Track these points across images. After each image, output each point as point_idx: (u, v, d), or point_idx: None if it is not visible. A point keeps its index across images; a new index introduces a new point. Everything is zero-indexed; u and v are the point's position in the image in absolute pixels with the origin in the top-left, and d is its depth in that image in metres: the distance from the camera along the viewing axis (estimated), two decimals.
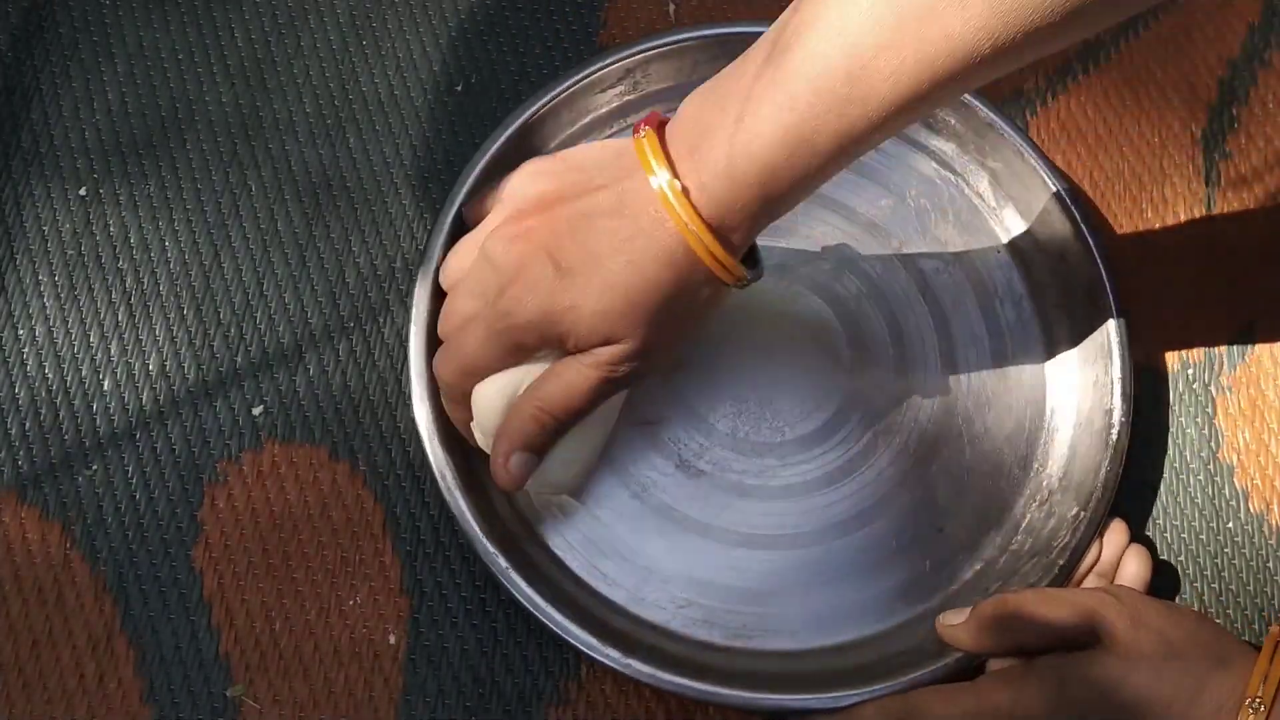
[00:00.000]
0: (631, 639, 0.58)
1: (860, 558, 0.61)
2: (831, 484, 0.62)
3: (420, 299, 0.60)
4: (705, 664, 0.58)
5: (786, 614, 0.60)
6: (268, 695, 0.59)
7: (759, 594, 0.60)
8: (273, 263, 0.65)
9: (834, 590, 0.61)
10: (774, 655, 0.59)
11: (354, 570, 0.61)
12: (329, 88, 0.68)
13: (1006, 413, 0.64)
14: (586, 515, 0.61)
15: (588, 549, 0.61)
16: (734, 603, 0.60)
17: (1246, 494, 0.64)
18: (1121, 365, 0.62)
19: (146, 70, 0.68)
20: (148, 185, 0.66)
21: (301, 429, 0.62)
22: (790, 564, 0.61)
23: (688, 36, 0.65)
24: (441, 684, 0.59)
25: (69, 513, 0.61)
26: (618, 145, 0.54)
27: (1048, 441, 0.63)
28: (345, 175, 0.67)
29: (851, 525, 0.62)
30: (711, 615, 0.60)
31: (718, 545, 0.61)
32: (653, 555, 0.60)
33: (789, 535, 0.61)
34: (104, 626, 0.59)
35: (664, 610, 0.60)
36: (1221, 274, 0.67)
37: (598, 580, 0.60)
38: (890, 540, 0.61)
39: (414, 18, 0.70)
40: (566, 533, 0.61)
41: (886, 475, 0.62)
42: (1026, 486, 0.63)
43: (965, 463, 0.63)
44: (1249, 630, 0.62)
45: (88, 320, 0.64)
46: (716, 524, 0.61)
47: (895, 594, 0.61)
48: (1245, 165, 0.69)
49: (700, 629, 0.60)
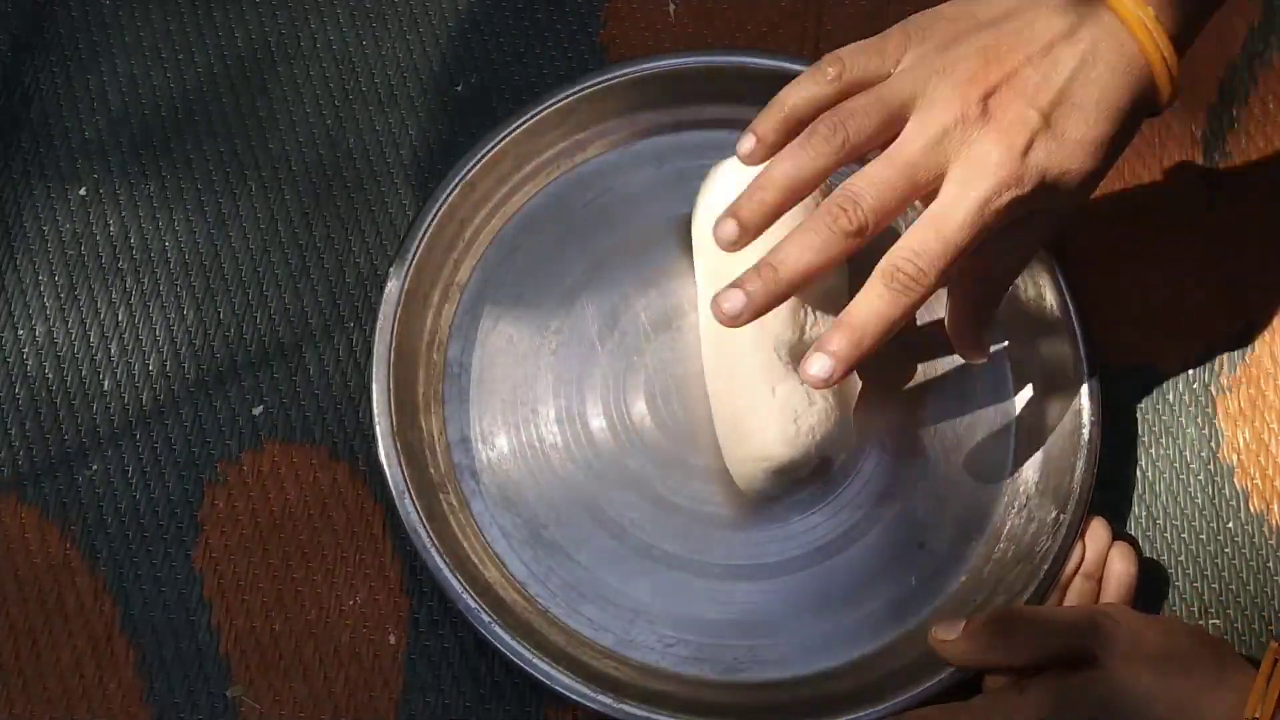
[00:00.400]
0: (620, 682, 0.58)
1: (845, 580, 0.61)
2: (810, 508, 0.62)
3: (390, 298, 0.61)
4: (700, 700, 0.58)
5: (776, 644, 0.60)
6: (268, 695, 0.59)
7: (746, 626, 0.60)
8: (273, 263, 0.65)
9: (822, 616, 0.60)
10: (768, 686, 0.59)
11: (354, 570, 0.61)
12: (329, 88, 0.68)
13: (977, 422, 0.64)
14: (566, 561, 0.60)
15: (569, 595, 0.60)
16: (722, 637, 0.60)
17: (1246, 494, 0.64)
18: (1088, 365, 0.62)
19: (146, 70, 0.68)
20: (148, 185, 0.66)
21: (301, 429, 0.62)
22: (775, 593, 0.61)
23: (686, 62, 0.65)
24: (441, 684, 0.59)
25: (69, 513, 0.61)
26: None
27: (1019, 447, 0.63)
28: (345, 175, 0.67)
29: (833, 549, 0.61)
30: (701, 651, 0.59)
31: (701, 580, 0.60)
32: (636, 596, 0.60)
33: (771, 564, 0.61)
34: (104, 627, 0.59)
35: (653, 650, 0.59)
36: (1221, 274, 0.67)
37: (582, 625, 0.59)
38: (873, 560, 0.61)
39: (414, 18, 0.70)
40: (548, 580, 0.60)
41: (864, 495, 0.62)
42: (1004, 494, 0.63)
43: (941, 475, 0.63)
44: (1249, 631, 0.62)
45: (88, 320, 0.64)
46: (698, 558, 0.61)
47: (883, 614, 0.60)
48: (1245, 165, 0.69)
49: (690, 666, 0.59)
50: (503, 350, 0.63)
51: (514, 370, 0.63)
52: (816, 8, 0.71)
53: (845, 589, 0.61)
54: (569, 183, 0.66)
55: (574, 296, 0.64)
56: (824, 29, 0.70)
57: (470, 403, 0.62)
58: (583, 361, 0.63)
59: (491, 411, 0.62)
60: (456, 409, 0.62)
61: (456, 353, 0.63)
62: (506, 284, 0.64)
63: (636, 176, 0.66)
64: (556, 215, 0.65)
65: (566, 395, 0.63)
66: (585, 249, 0.65)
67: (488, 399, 0.62)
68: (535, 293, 0.64)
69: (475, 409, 0.62)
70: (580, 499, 0.61)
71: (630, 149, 0.66)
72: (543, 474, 0.62)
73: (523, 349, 0.63)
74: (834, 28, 0.70)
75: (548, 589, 0.60)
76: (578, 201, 0.65)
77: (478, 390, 0.63)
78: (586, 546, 0.61)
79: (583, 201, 0.65)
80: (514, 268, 0.64)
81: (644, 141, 0.66)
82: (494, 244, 0.65)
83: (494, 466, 0.62)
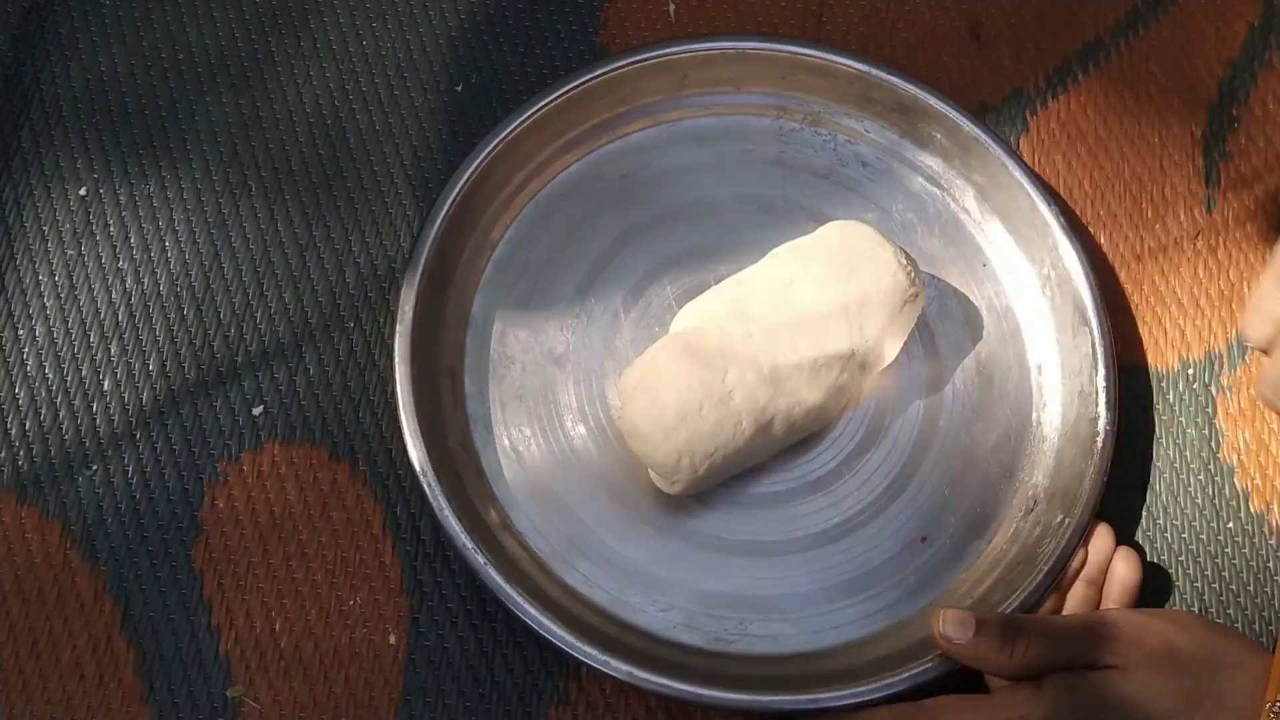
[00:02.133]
0: (622, 644, 0.58)
1: (843, 566, 0.61)
2: (815, 492, 0.62)
3: (407, 299, 0.61)
4: (690, 666, 0.58)
5: (768, 621, 0.60)
6: (268, 695, 0.59)
7: (739, 600, 0.60)
8: (273, 263, 0.65)
9: (816, 599, 0.61)
10: (757, 660, 0.59)
11: (354, 570, 0.61)
12: (329, 88, 0.68)
13: (992, 424, 0.64)
14: (570, 517, 0.61)
15: (569, 550, 0.60)
16: (715, 608, 0.60)
17: (1246, 494, 0.64)
18: (1106, 375, 0.62)
19: (146, 70, 0.68)
20: (148, 185, 0.66)
21: (301, 429, 0.62)
22: (772, 572, 0.61)
23: (683, 49, 0.66)
24: (441, 684, 0.59)
25: (69, 513, 0.61)
26: None
27: (1034, 452, 0.63)
28: (345, 175, 0.67)
29: (835, 534, 0.62)
30: (692, 620, 0.60)
31: (699, 551, 0.61)
32: (634, 559, 0.60)
33: (772, 543, 0.61)
34: (104, 627, 0.59)
35: (645, 613, 0.60)
36: (1221, 274, 0.67)
37: (578, 581, 0.60)
38: (874, 550, 0.61)
39: (414, 18, 0.70)
40: (550, 536, 0.61)
41: (870, 485, 0.62)
42: (1013, 497, 0.63)
43: (951, 473, 0.63)
44: (1249, 631, 0.62)
45: (88, 320, 0.64)
46: (700, 531, 0.61)
47: (879, 603, 0.61)
48: (1245, 165, 0.69)
49: (682, 633, 0.59)
50: (526, 311, 0.64)
51: (537, 332, 0.64)
52: (817, 7, 0.71)
53: (843, 575, 0.61)
54: (609, 154, 0.67)
55: (602, 265, 0.65)
56: (824, 29, 0.70)
57: (490, 360, 0.63)
58: (605, 330, 0.64)
59: (512, 373, 0.63)
60: (475, 360, 0.63)
61: (480, 310, 0.64)
62: (538, 246, 0.65)
63: (676, 154, 0.67)
64: (593, 185, 0.66)
65: (586, 363, 0.63)
66: (618, 220, 0.66)
67: (507, 360, 0.63)
68: (564, 259, 0.65)
69: (495, 367, 0.63)
70: (588, 464, 0.62)
71: (675, 127, 0.67)
72: (555, 435, 0.62)
73: (547, 313, 0.64)
74: (834, 27, 0.70)
75: (549, 543, 0.60)
76: (615, 173, 0.66)
77: (498, 347, 0.63)
78: (591, 507, 0.61)
79: (620, 173, 0.66)
80: (547, 231, 0.65)
81: (690, 122, 0.67)
82: (531, 205, 0.66)
83: (509, 421, 0.62)
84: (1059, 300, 0.64)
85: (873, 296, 0.59)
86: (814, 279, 0.59)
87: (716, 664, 0.59)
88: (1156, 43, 0.71)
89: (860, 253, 0.60)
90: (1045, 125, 0.70)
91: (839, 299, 0.59)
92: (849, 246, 0.60)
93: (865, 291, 0.59)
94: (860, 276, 0.59)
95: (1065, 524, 0.60)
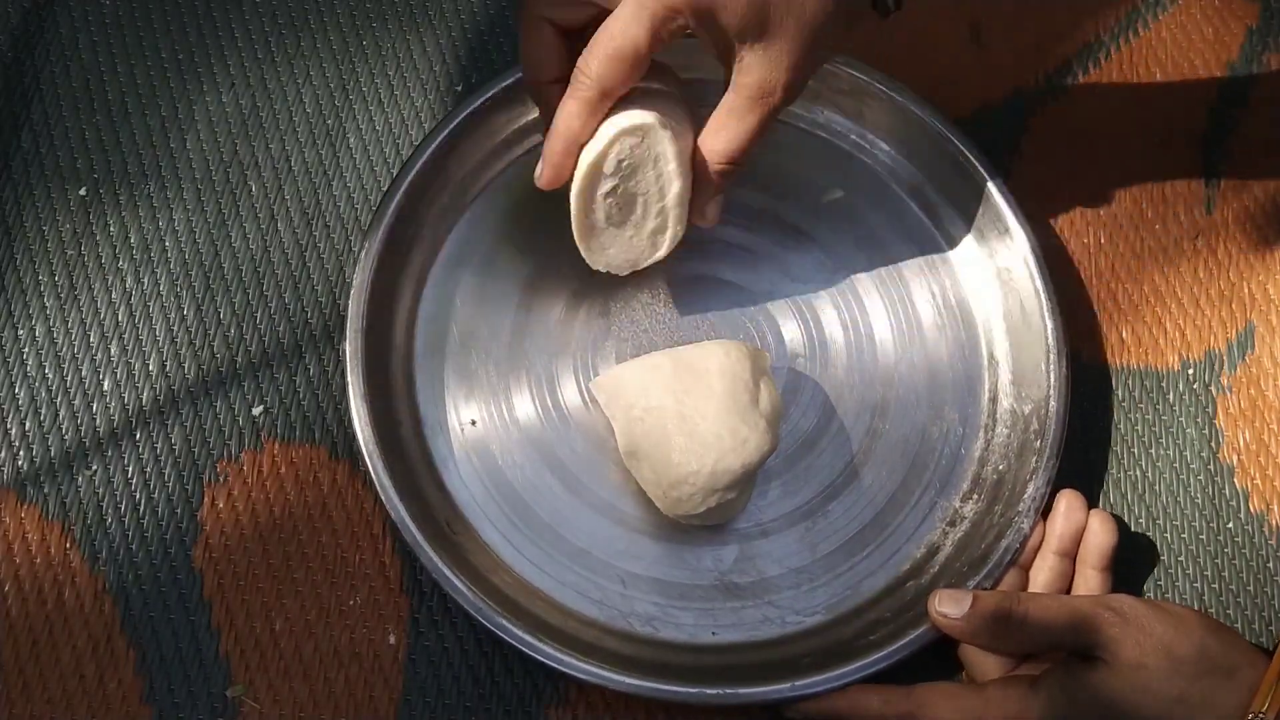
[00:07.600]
0: (599, 648, 0.58)
1: (802, 554, 0.62)
2: (767, 482, 0.62)
3: (356, 300, 0.61)
4: (670, 664, 0.58)
5: (716, 611, 0.60)
6: (268, 695, 0.59)
7: (681, 589, 0.61)
8: (273, 263, 0.65)
9: (768, 587, 0.61)
10: (725, 650, 0.60)
11: (354, 570, 0.61)
12: (329, 88, 0.68)
13: (942, 414, 0.64)
14: (531, 514, 0.61)
15: (536, 552, 0.61)
16: (656, 595, 0.60)
17: (1247, 494, 0.64)
18: (1057, 365, 0.62)
19: (146, 70, 0.68)
20: (148, 185, 0.66)
21: (301, 429, 0.62)
22: (716, 560, 0.61)
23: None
24: (441, 684, 0.59)
25: (69, 513, 0.61)
26: None
27: (986, 442, 0.64)
28: (345, 175, 0.67)
29: (794, 518, 0.62)
30: (666, 614, 0.60)
31: (663, 542, 0.61)
32: (598, 554, 0.61)
33: (725, 528, 0.62)
34: (104, 627, 0.59)
35: (615, 610, 0.60)
36: (1221, 274, 0.67)
37: (543, 581, 0.60)
38: (829, 537, 0.62)
39: (414, 18, 0.70)
40: (513, 540, 0.61)
41: (824, 474, 0.63)
42: (966, 477, 0.63)
43: (902, 463, 0.63)
44: (1249, 631, 0.62)
45: (88, 320, 0.64)
46: (663, 521, 0.61)
47: (842, 586, 0.61)
48: (1245, 165, 0.69)
49: (662, 629, 0.60)
50: (476, 307, 0.64)
51: (490, 325, 0.64)
52: None
53: (803, 560, 0.62)
54: None
55: (555, 257, 0.64)
56: None
57: (446, 358, 0.63)
58: (560, 324, 0.64)
59: (467, 367, 0.63)
60: (427, 362, 0.63)
61: (431, 310, 0.64)
62: (485, 241, 0.65)
63: None
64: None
65: (541, 357, 0.63)
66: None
67: (463, 356, 0.63)
68: (511, 252, 0.65)
69: (451, 364, 0.63)
70: (545, 457, 0.62)
71: None
72: (512, 433, 0.62)
73: (498, 306, 0.64)
74: None
75: (509, 542, 0.61)
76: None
77: (457, 349, 0.63)
78: (547, 498, 0.61)
79: None
80: (494, 225, 0.65)
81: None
82: (481, 197, 0.66)
83: (466, 424, 0.62)
84: (1009, 291, 0.65)
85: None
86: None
87: (699, 658, 0.59)
88: (1156, 42, 0.71)
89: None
90: (1045, 125, 0.70)
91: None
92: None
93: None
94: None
95: (1014, 516, 0.60)
